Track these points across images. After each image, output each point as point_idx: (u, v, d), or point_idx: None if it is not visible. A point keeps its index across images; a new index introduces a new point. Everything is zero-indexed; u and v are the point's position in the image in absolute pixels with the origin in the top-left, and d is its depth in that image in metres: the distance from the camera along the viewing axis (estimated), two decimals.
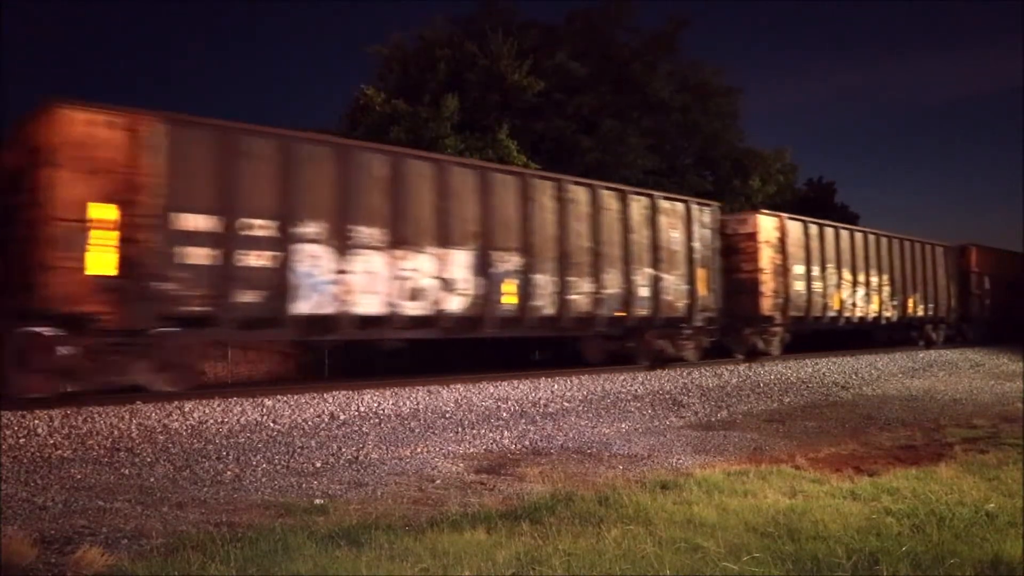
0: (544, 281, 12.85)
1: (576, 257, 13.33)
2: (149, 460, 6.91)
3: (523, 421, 9.58)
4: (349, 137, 15.06)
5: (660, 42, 26.87)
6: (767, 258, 17.12)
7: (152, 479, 6.34)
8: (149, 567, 3.99)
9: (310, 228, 10.28)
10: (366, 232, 10.82)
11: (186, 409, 8.67)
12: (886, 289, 21.44)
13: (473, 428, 9.03)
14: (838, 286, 19.40)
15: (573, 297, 13.23)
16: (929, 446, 8.32)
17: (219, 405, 8.97)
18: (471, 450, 8.02)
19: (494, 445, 8.29)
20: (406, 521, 5.03)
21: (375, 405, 9.79)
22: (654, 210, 14.80)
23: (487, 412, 10.01)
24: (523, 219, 12.66)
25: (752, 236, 17.22)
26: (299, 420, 8.85)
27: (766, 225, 17.40)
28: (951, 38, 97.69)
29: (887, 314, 21.44)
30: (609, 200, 14.08)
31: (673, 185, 22.30)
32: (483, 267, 12.05)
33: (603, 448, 8.15)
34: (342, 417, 9.14)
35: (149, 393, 9.23)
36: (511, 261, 12.43)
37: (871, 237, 21.22)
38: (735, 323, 17.04)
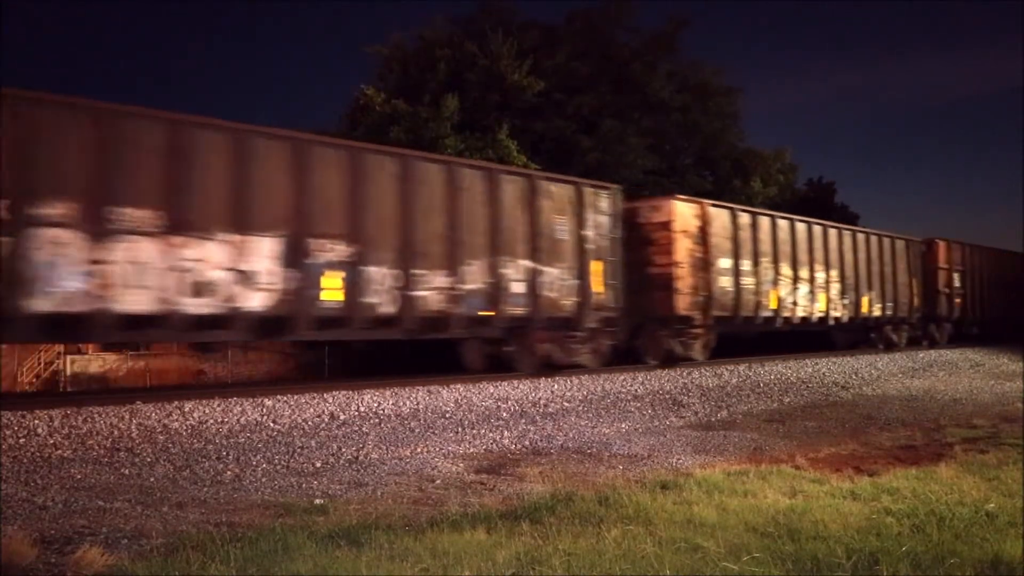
0: (380, 274, 10.98)
1: (425, 246, 11.46)
2: (149, 460, 6.91)
3: (523, 421, 9.58)
4: (350, 138, 14.98)
5: (660, 42, 26.91)
6: (684, 250, 15.13)
7: (152, 479, 6.34)
8: (149, 567, 3.99)
9: (53, 209, 8.52)
10: (132, 214, 9.02)
11: (186, 409, 8.67)
12: (835, 286, 19.30)
13: (473, 428, 9.03)
14: (775, 282, 17.28)
15: (420, 293, 11.39)
16: (929, 446, 8.33)
17: (219, 405, 8.96)
18: (471, 450, 8.02)
19: (494, 445, 8.29)
20: (406, 521, 5.03)
21: (375, 405, 9.79)
22: (533, 192, 12.85)
23: (487, 412, 10.01)
24: (352, 201, 10.79)
25: (667, 225, 15.13)
26: (299, 420, 8.84)
27: (683, 212, 15.34)
28: (951, 38, 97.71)
29: (836, 314, 19.29)
30: (471, 180, 12.16)
31: (673, 185, 22.34)
32: (295, 257, 10.22)
33: (603, 448, 8.15)
34: (342, 417, 9.14)
35: (149, 393, 9.23)
36: (335, 250, 10.57)
37: (817, 228, 19.12)
38: (648, 325, 15.32)
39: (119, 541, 4.58)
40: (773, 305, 17.25)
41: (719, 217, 16.11)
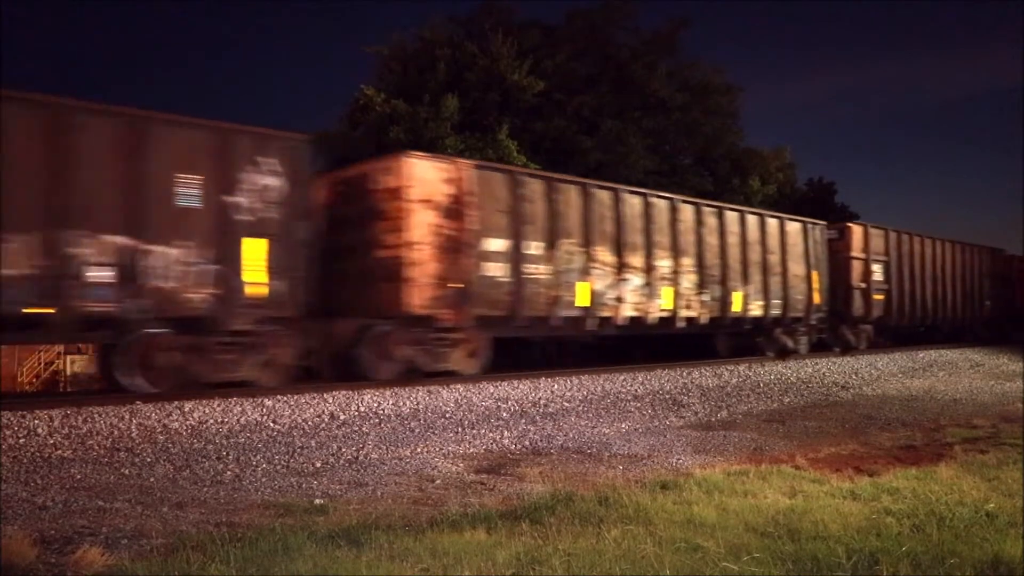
0: None
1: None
2: (149, 460, 6.90)
3: (523, 421, 9.58)
4: (350, 139, 14.88)
5: (660, 42, 26.89)
6: (425, 226, 11.26)
7: (152, 479, 6.34)
8: (149, 567, 3.99)
9: None
10: None
11: (186, 409, 8.66)
12: (689, 278, 15.07)
13: (473, 428, 9.03)
14: (586, 272, 13.29)
15: None
16: (929, 446, 8.33)
17: (219, 405, 8.96)
18: (471, 450, 8.02)
19: (494, 445, 8.29)
20: (406, 521, 5.03)
21: (375, 405, 9.78)
22: (139, 140, 9.21)
23: (487, 412, 10.01)
24: None
25: (398, 192, 11.21)
26: (299, 420, 8.84)
27: (424, 176, 11.36)
28: (951, 38, 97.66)
29: (690, 313, 15.11)
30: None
31: (673, 185, 22.31)
32: None
33: (603, 448, 8.15)
34: (342, 417, 9.13)
35: (150, 393, 9.21)
36: None
37: (660, 203, 14.75)
38: (374, 327, 11.28)
39: (119, 541, 4.58)
40: (582, 302, 13.23)
41: (488, 183, 12.09)
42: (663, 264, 14.70)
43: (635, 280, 14.15)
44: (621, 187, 14.53)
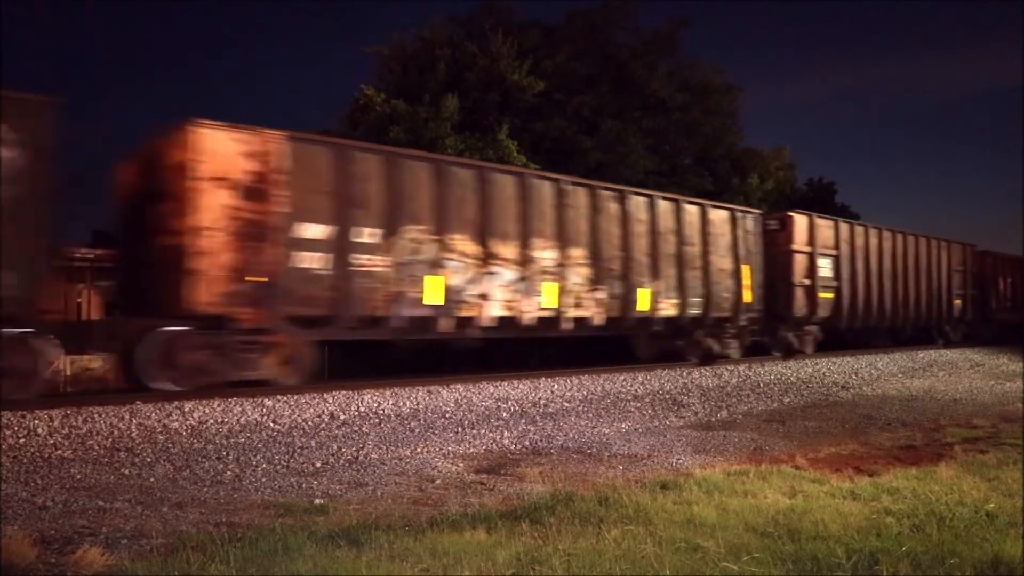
0: None
1: None
2: (149, 460, 6.91)
3: (523, 421, 9.58)
4: (349, 138, 14.80)
5: (660, 42, 26.89)
6: (217, 208, 9.60)
7: (152, 479, 6.34)
8: (149, 567, 3.99)
9: None
10: None
11: (186, 409, 8.66)
12: (580, 273, 13.21)
13: (473, 428, 9.03)
14: (438, 264, 11.42)
15: None
16: (929, 446, 8.33)
17: (219, 405, 8.96)
18: (471, 450, 8.02)
19: (494, 445, 8.30)
20: (406, 521, 5.03)
21: (375, 405, 9.78)
22: None
23: (487, 412, 10.01)
24: None
25: (183, 169, 9.57)
26: (299, 420, 8.84)
27: (218, 149, 9.66)
28: (951, 38, 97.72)
29: (579, 313, 13.20)
30: None
31: (673, 185, 22.29)
32: None
33: (603, 448, 8.15)
34: (342, 417, 9.14)
35: (150, 393, 9.21)
36: None
37: (542, 186, 12.89)
38: (152, 328, 9.57)
39: (119, 541, 4.58)
40: (433, 299, 11.37)
41: (307, 159, 10.33)
42: (545, 256, 12.73)
43: (506, 274, 12.22)
44: (487, 165, 12.76)
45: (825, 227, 18.83)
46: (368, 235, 10.74)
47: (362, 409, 9.57)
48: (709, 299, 15.38)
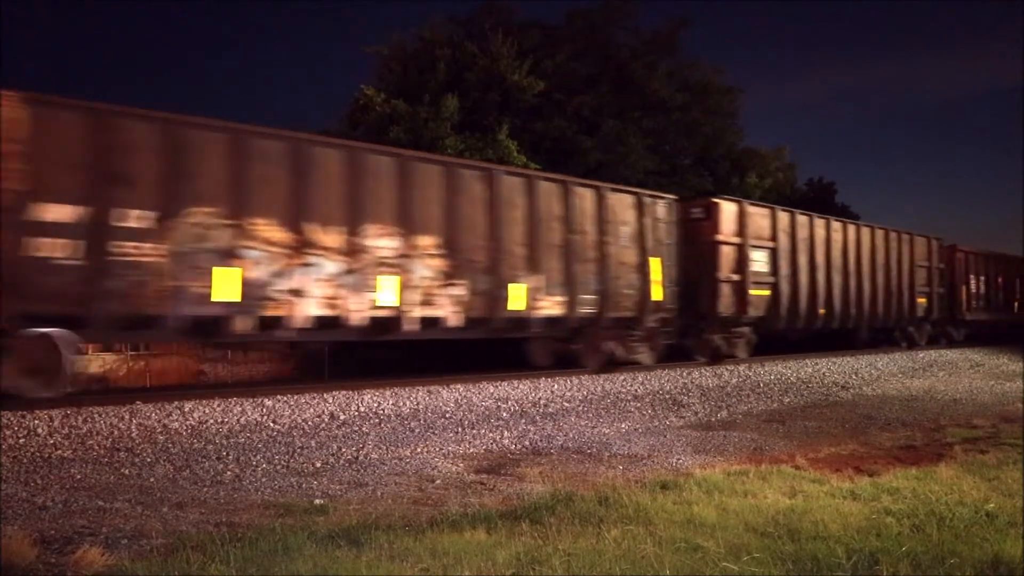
0: None
1: None
2: (149, 460, 6.91)
3: (523, 421, 9.58)
4: (351, 138, 14.71)
5: (660, 42, 26.91)
6: None
7: (152, 479, 6.34)
8: (149, 567, 3.99)
9: None
10: None
11: (186, 409, 8.67)
12: (430, 265, 11.22)
13: (473, 428, 9.03)
14: (232, 253, 9.54)
15: None
16: (929, 446, 8.33)
17: (219, 405, 8.96)
18: (471, 450, 8.02)
19: (494, 445, 8.30)
20: (406, 521, 5.03)
21: (375, 405, 9.79)
22: None
23: (487, 412, 10.01)
24: None
25: None
26: (299, 420, 8.84)
27: None
28: (951, 38, 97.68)
29: (427, 312, 11.20)
30: None
31: (673, 185, 22.30)
32: None
33: (603, 448, 8.15)
34: (342, 417, 9.14)
35: (149, 393, 9.19)
36: None
37: (380, 161, 10.88)
38: None
39: (119, 541, 4.58)
40: (226, 295, 9.52)
41: (52, 126, 8.48)
42: (382, 244, 10.75)
43: (327, 266, 10.28)
44: (307, 138, 10.66)
45: (759, 216, 16.53)
46: (136, 218, 8.92)
47: (362, 409, 9.57)
48: (606, 296, 13.28)
